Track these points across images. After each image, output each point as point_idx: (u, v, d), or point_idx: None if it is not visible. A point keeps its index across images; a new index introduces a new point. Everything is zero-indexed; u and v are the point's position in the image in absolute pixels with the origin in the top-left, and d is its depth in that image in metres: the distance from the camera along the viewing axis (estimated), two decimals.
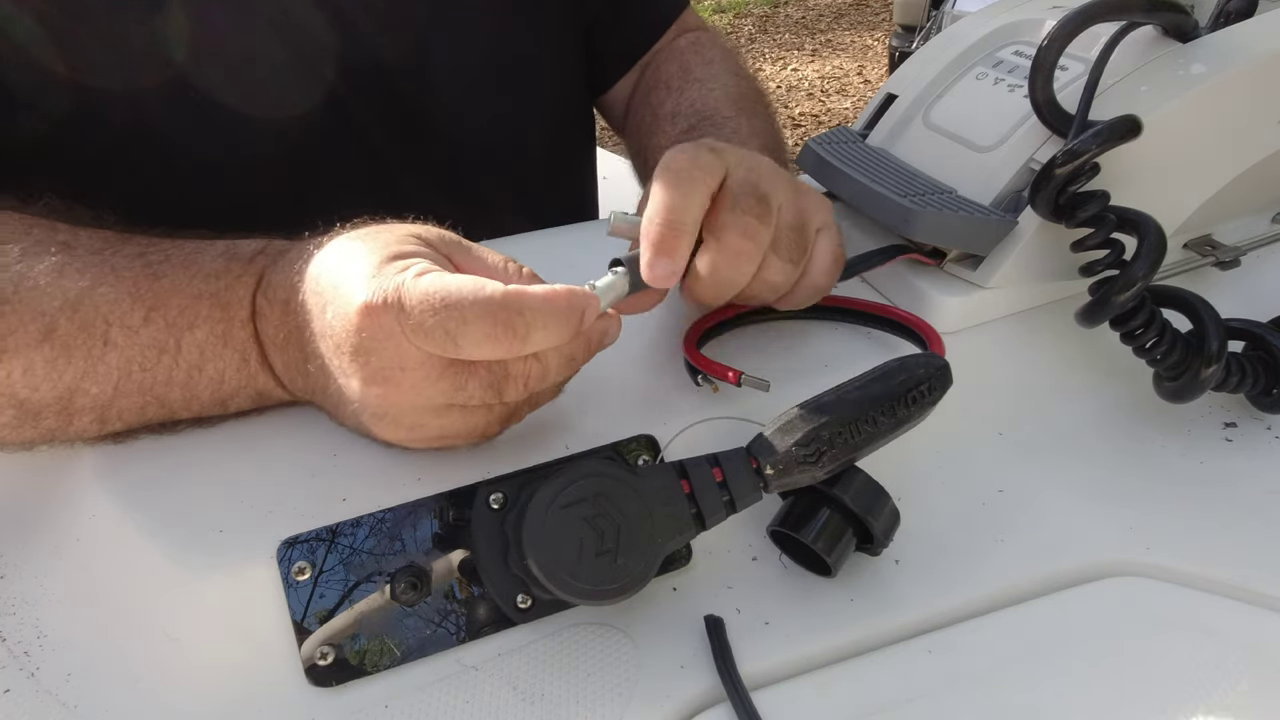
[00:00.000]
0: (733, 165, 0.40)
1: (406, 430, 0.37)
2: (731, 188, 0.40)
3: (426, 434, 0.37)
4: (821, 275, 0.43)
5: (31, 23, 0.51)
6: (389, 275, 0.34)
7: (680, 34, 0.73)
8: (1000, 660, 0.34)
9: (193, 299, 0.39)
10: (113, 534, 0.38)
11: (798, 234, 0.41)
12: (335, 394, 0.38)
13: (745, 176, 0.40)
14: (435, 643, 0.36)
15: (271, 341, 0.40)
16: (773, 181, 0.41)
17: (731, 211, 0.39)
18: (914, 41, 3.21)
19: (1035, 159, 0.46)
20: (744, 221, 0.39)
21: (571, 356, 0.37)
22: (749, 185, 0.40)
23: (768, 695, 0.33)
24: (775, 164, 0.43)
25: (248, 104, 0.56)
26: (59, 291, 0.38)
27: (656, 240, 0.37)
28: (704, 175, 0.38)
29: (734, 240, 0.39)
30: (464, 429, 0.38)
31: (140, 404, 0.39)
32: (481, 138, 0.64)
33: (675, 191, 0.38)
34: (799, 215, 0.42)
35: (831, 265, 0.43)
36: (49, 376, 0.37)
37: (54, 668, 0.35)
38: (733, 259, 0.39)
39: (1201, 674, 0.33)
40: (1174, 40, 0.47)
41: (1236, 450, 0.44)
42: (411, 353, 0.34)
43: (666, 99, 0.66)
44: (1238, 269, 0.49)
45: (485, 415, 0.37)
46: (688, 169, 0.38)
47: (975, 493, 0.42)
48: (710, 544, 0.39)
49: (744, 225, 0.39)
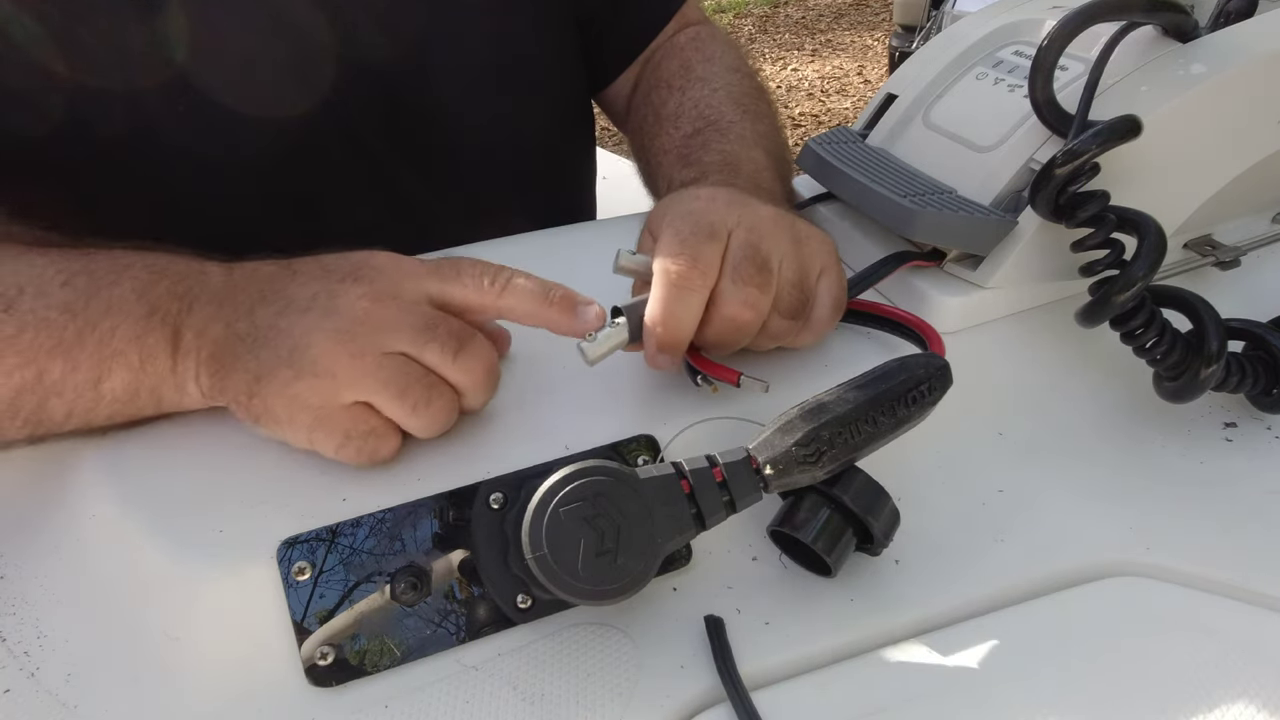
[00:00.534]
0: (733, 227, 0.41)
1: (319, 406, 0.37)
2: (732, 254, 0.41)
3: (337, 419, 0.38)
4: (822, 323, 0.44)
5: (31, 23, 0.51)
6: None
7: (681, 28, 0.73)
8: (1000, 660, 0.34)
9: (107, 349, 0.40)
10: (113, 534, 0.38)
11: (798, 290, 0.42)
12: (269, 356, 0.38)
13: (745, 239, 0.41)
14: (435, 643, 0.36)
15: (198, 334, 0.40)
16: (774, 239, 0.42)
17: (733, 283, 0.40)
18: (914, 41, 3.21)
19: (1035, 159, 0.46)
20: (744, 293, 0.40)
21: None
22: (749, 249, 0.41)
23: (768, 695, 0.33)
24: (778, 215, 0.43)
25: (247, 104, 0.56)
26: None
27: (658, 343, 0.40)
28: (703, 283, 0.40)
29: (735, 311, 0.40)
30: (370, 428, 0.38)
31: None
32: (481, 138, 0.64)
33: (675, 302, 0.39)
34: (800, 270, 0.42)
35: (832, 310, 0.44)
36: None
37: (54, 668, 0.35)
38: (734, 330, 0.41)
39: (1201, 674, 0.33)
40: (1174, 40, 0.47)
41: (1236, 450, 0.44)
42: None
43: (669, 98, 0.66)
44: (1238, 269, 0.49)
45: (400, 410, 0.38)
46: (688, 279, 0.39)
47: (975, 493, 0.42)
48: (710, 544, 0.39)
49: (744, 296, 0.40)
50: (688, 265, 0.39)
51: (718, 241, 0.41)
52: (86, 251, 0.43)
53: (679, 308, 0.39)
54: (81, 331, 0.39)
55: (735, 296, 0.40)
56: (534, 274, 0.41)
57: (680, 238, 0.40)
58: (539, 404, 0.43)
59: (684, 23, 0.73)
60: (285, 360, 0.37)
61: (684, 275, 0.39)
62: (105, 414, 0.41)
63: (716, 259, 0.40)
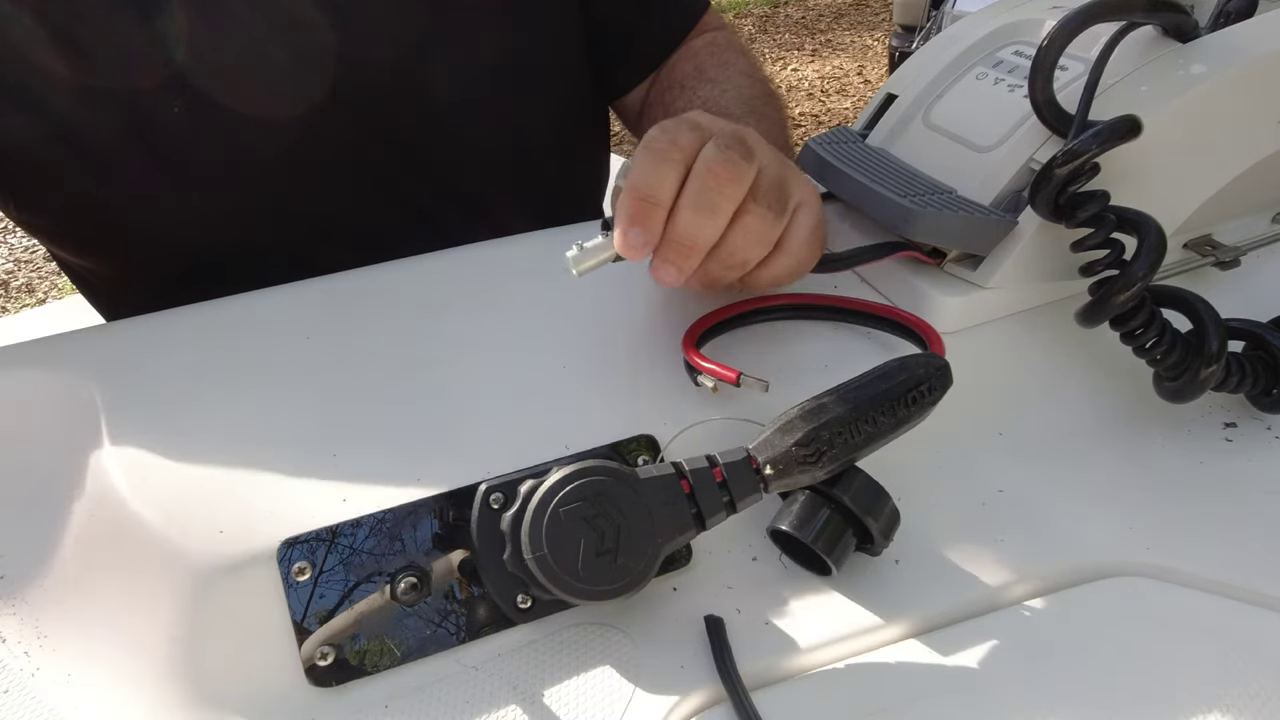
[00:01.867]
0: (718, 128, 0.41)
1: None
2: (717, 134, 0.40)
3: None
4: (800, 246, 0.43)
5: (31, 22, 0.51)
6: None
7: (699, 33, 0.73)
8: (1000, 660, 0.34)
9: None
10: (113, 534, 0.38)
11: (779, 188, 0.41)
12: None
13: (732, 130, 0.40)
14: (435, 643, 0.36)
15: None
16: (759, 143, 0.41)
17: (715, 146, 0.39)
18: (914, 41, 3.21)
19: (1035, 159, 0.46)
20: (726, 153, 0.39)
21: None
22: (735, 135, 0.40)
23: (768, 695, 0.33)
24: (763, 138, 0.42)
25: (248, 104, 0.56)
26: None
27: (630, 212, 0.38)
28: (681, 156, 0.39)
29: (716, 166, 0.38)
30: None
31: None
32: (481, 138, 0.64)
33: (650, 167, 0.38)
34: (781, 177, 0.41)
35: (809, 238, 0.43)
36: None
37: (54, 668, 0.35)
38: (714, 184, 0.38)
39: (1201, 674, 0.33)
40: (1174, 40, 0.47)
41: (1236, 450, 0.44)
42: None
43: (679, 97, 0.66)
44: (1238, 269, 0.49)
45: None
46: (666, 150, 0.38)
47: (975, 493, 0.42)
48: (710, 544, 0.39)
49: (726, 155, 0.39)
50: (666, 140, 0.39)
51: (698, 131, 0.40)
52: None
53: (653, 174, 0.38)
54: None
55: (717, 155, 0.39)
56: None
57: (662, 126, 0.40)
58: (539, 404, 0.43)
59: (701, 28, 0.73)
60: None
61: (661, 147, 0.39)
62: None
63: (695, 142, 0.39)
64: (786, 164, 0.43)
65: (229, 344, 0.47)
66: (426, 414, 0.42)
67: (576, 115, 0.72)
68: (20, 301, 2.91)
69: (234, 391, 0.44)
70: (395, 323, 0.48)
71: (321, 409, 0.43)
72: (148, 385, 0.45)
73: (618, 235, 0.38)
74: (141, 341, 0.48)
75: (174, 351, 0.47)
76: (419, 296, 0.50)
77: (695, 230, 0.39)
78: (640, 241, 0.38)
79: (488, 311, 0.49)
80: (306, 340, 0.47)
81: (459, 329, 0.48)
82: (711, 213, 0.39)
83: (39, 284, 2.98)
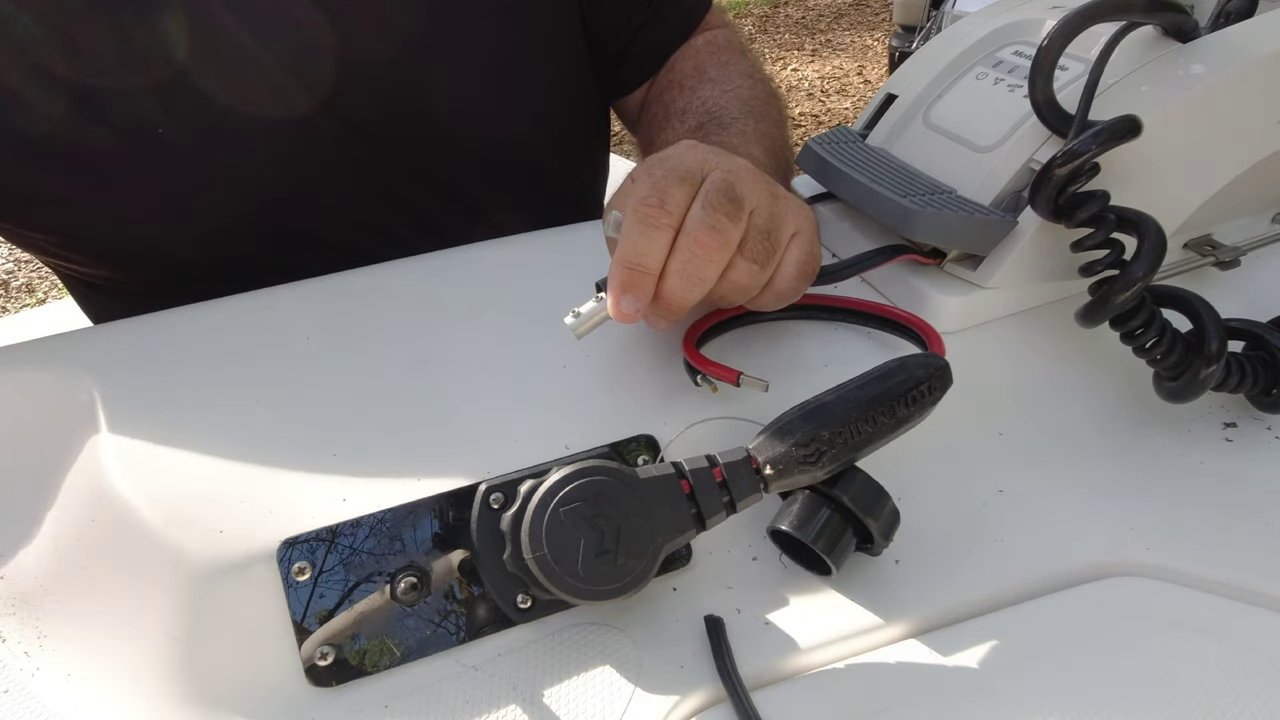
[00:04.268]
0: (709, 170, 0.41)
1: None
2: (705, 187, 0.40)
3: None
4: (787, 281, 0.43)
5: (31, 22, 0.51)
6: None
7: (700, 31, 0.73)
8: (1000, 660, 0.34)
9: None
10: (113, 534, 0.38)
11: (767, 238, 0.41)
12: None
13: (722, 178, 0.40)
14: (435, 643, 0.36)
15: None
16: (750, 184, 0.41)
17: (702, 209, 0.39)
18: (914, 41, 3.21)
19: (1035, 159, 0.46)
20: (713, 218, 0.39)
21: None
22: (724, 185, 0.40)
23: (768, 695, 0.33)
24: (757, 170, 0.43)
25: (248, 104, 0.56)
26: None
27: (622, 282, 0.39)
28: (670, 220, 0.39)
29: (702, 234, 0.39)
30: None
31: None
32: (481, 138, 0.64)
33: (640, 236, 0.39)
34: (772, 220, 0.42)
35: (798, 273, 0.43)
36: None
37: (54, 668, 0.35)
38: (700, 252, 0.39)
39: (1201, 674, 0.33)
40: (1174, 40, 0.47)
41: (1236, 450, 0.44)
42: None
43: (679, 97, 0.66)
44: (1238, 269, 0.49)
45: None
46: (656, 217, 0.39)
47: (975, 493, 0.42)
48: (710, 544, 0.39)
49: (713, 221, 0.39)
50: (655, 205, 0.39)
51: (688, 184, 0.40)
52: None
53: (643, 243, 0.39)
54: None
55: (703, 221, 0.39)
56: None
57: (652, 180, 0.40)
58: (539, 404, 0.43)
59: (704, 28, 0.73)
60: None
61: (650, 213, 0.39)
62: None
63: (685, 200, 0.40)
64: (778, 198, 0.43)
65: (229, 344, 0.47)
66: (426, 414, 0.42)
67: (576, 115, 0.72)
68: (20, 301, 2.91)
69: (234, 391, 0.44)
70: (395, 323, 0.48)
71: (321, 409, 0.43)
72: (147, 385, 0.45)
73: (610, 304, 0.39)
74: (141, 341, 0.48)
75: (174, 351, 0.47)
76: (419, 296, 0.50)
77: (682, 297, 0.40)
78: (633, 309, 0.39)
79: (488, 311, 0.49)
80: (307, 340, 0.47)
81: (459, 329, 0.48)
82: (699, 282, 0.40)
83: (39, 284, 2.98)
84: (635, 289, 0.39)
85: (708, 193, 0.40)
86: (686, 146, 0.43)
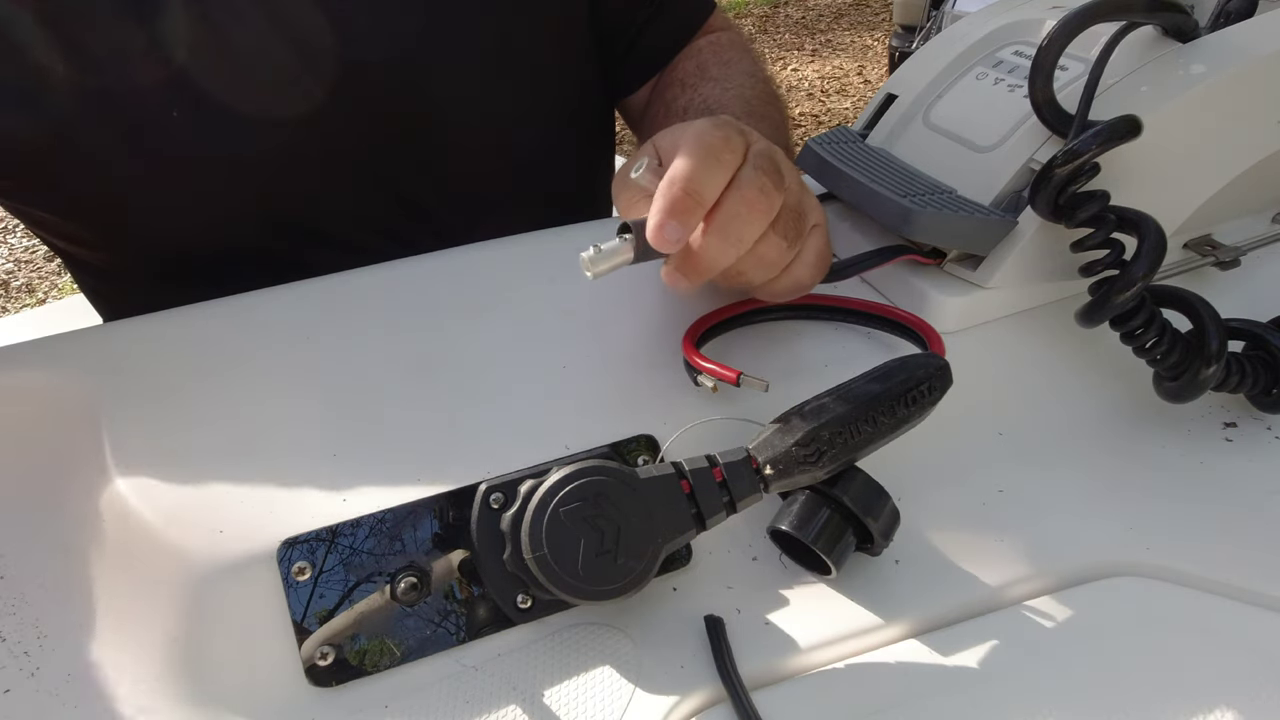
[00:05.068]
0: (754, 139, 0.41)
1: None
2: (755, 149, 0.40)
3: None
4: (807, 269, 0.43)
5: (31, 22, 0.51)
6: None
7: (704, 33, 0.73)
8: (1000, 660, 0.34)
9: None
10: (113, 534, 0.38)
11: (798, 217, 0.41)
12: None
13: (765, 149, 0.40)
14: (435, 643, 0.36)
15: None
16: (785, 161, 0.41)
17: (754, 169, 0.39)
18: (914, 41, 3.21)
19: (1035, 159, 0.46)
20: (761, 180, 0.38)
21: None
22: (768, 152, 0.40)
23: (768, 695, 0.33)
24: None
25: (248, 104, 0.56)
26: None
27: (672, 202, 0.37)
28: (732, 159, 0.38)
29: (751, 194, 0.38)
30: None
31: None
32: (481, 138, 0.64)
33: (703, 164, 0.37)
34: (801, 203, 0.42)
35: (817, 261, 0.43)
36: None
37: (54, 668, 0.35)
38: (747, 212, 0.38)
39: (1201, 674, 0.33)
40: (1174, 40, 0.47)
41: (1236, 450, 0.44)
42: None
43: (680, 95, 0.66)
44: (1238, 269, 0.49)
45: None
46: (720, 148, 0.38)
47: (975, 493, 0.42)
48: (710, 544, 0.39)
49: (761, 183, 0.38)
50: (721, 139, 0.38)
51: (743, 138, 0.40)
52: None
53: (704, 171, 0.37)
54: None
55: (753, 181, 0.38)
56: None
57: (716, 122, 0.40)
58: (539, 404, 0.43)
59: (707, 29, 0.73)
60: None
61: (719, 144, 0.38)
62: None
63: (742, 149, 0.39)
64: (805, 186, 0.43)
65: (229, 344, 0.47)
66: (426, 414, 0.42)
67: (579, 115, 0.72)
68: (20, 301, 2.91)
69: (234, 391, 0.44)
70: (395, 322, 0.48)
71: (321, 409, 0.43)
72: (148, 385, 0.45)
73: (653, 222, 0.37)
74: (141, 341, 0.48)
75: (174, 351, 0.47)
76: (419, 296, 0.50)
77: (717, 255, 0.38)
78: (676, 236, 0.37)
79: (488, 311, 0.49)
80: (306, 340, 0.47)
81: (459, 329, 0.48)
82: (737, 243, 0.39)
83: (39, 284, 2.98)
84: (684, 215, 0.37)
85: (757, 155, 0.39)
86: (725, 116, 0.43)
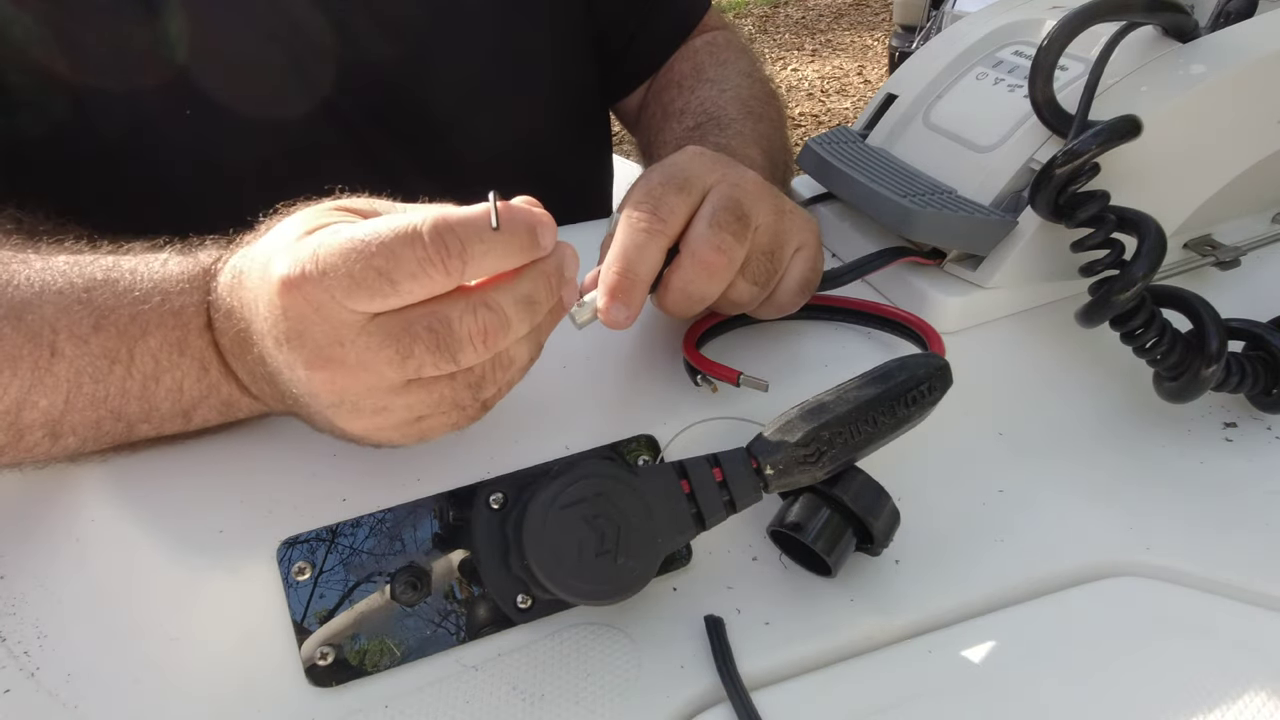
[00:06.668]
0: (715, 183, 0.41)
1: (371, 418, 0.34)
2: (712, 202, 0.40)
3: (396, 419, 0.34)
4: (788, 296, 0.44)
5: (31, 23, 0.51)
6: (304, 245, 0.32)
7: (700, 33, 0.73)
8: (1000, 660, 0.34)
9: (142, 306, 0.37)
10: (113, 534, 0.38)
11: (770, 259, 0.42)
12: (293, 394, 0.35)
13: (728, 193, 0.40)
14: (435, 643, 0.36)
15: (228, 349, 0.37)
16: (755, 201, 0.41)
17: (709, 226, 0.39)
18: (914, 41, 3.21)
19: (1035, 159, 0.46)
20: (720, 237, 0.39)
21: (529, 297, 0.33)
22: (731, 202, 0.40)
23: (768, 695, 0.33)
24: (764, 182, 0.43)
25: (248, 105, 0.56)
26: (3, 299, 0.36)
27: (612, 286, 0.38)
28: (664, 228, 0.39)
29: (707, 255, 0.39)
30: (433, 406, 0.34)
31: (94, 418, 0.37)
32: (482, 138, 0.64)
33: (633, 243, 0.38)
34: (775, 238, 0.42)
35: (799, 288, 0.44)
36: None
37: (54, 668, 0.35)
38: (704, 273, 0.39)
39: (1201, 674, 0.33)
40: (1174, 40, 0.47)
41: (1236, 450, 0.44)
42: (344, 319, 0.31)
43: (677, 97, 0.66)
44: (1238, 269, 0.49)
45: (450, 387, 0.34)
46: (646, 223, 0.39)
47: (975, 493, 0.42)
48: (710, 544, 0.39)
49: (719, 240, 0.39)
50: (648, 211, 0.39)
51: (686, 194, 0.40)
52: None
53: (633, 250, 0.38)
54: None
55: (709, 240, 0.39)
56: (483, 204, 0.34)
57: (648, 187, 0.40)
58: (539, 404, 0.43)
59: (702, 29, 0.73)
60: (323, 420, 0.35)
61: (642, 220, 0.39)
62: None
63: (682, 209, 0.39)
64: (783, 214, 0.42)
65: None
66: None
67: (579, 115, 0.72)
68: None
69: None
70: None
71: None
72: None
73: (601, 309, 0.38)
74: None
75: None
76: None
77: (681, 311, 0.40)
78: (623, 316, 0.38)
79: None
80: None
81: None
82: (699, 300, 0.40)
83: None
84: (624, 295, 0.38)
85: (715, 210, 0.39)
86: (693, 153, 0.43)
